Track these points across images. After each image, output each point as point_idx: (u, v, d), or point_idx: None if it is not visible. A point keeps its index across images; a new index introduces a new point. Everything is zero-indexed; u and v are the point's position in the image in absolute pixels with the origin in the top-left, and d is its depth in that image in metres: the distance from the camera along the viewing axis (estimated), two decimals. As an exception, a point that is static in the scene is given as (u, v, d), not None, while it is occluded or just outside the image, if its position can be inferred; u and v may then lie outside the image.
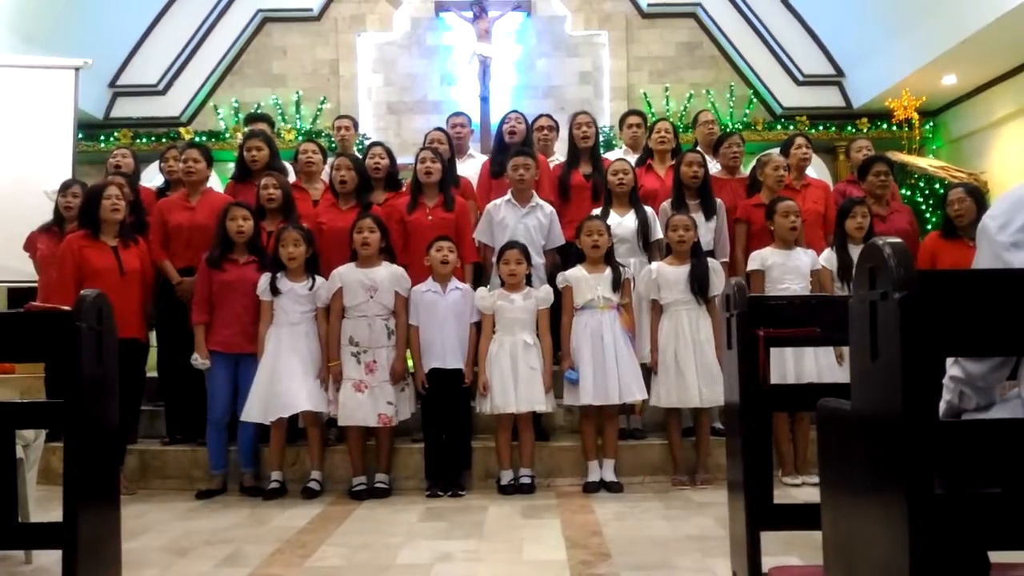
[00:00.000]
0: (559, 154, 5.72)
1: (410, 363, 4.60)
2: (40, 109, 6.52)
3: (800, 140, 5.50)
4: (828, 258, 4.73)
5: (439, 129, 5.70)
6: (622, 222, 4.90)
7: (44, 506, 3.36)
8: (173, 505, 4.36)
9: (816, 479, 2.83)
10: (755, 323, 2.81)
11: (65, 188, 5.13)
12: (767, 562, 2.66)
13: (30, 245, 5.25)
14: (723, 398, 3.65)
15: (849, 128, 8.45)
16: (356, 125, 6.39)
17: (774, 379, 3.53)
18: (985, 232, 1.86)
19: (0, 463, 2.78)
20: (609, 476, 4.49)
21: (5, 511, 2.79)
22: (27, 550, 3.25)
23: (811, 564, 2.47)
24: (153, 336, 5.07)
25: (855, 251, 4.52)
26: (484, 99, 8.61)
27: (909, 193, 7.39)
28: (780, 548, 2.86)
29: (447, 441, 4.56)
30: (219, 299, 4.62)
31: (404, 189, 5.29)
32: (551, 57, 9.25)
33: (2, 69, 6.56)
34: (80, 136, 7.23)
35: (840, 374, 4.28)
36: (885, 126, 8.30)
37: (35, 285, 5.20)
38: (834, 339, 3.38)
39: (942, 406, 1.93)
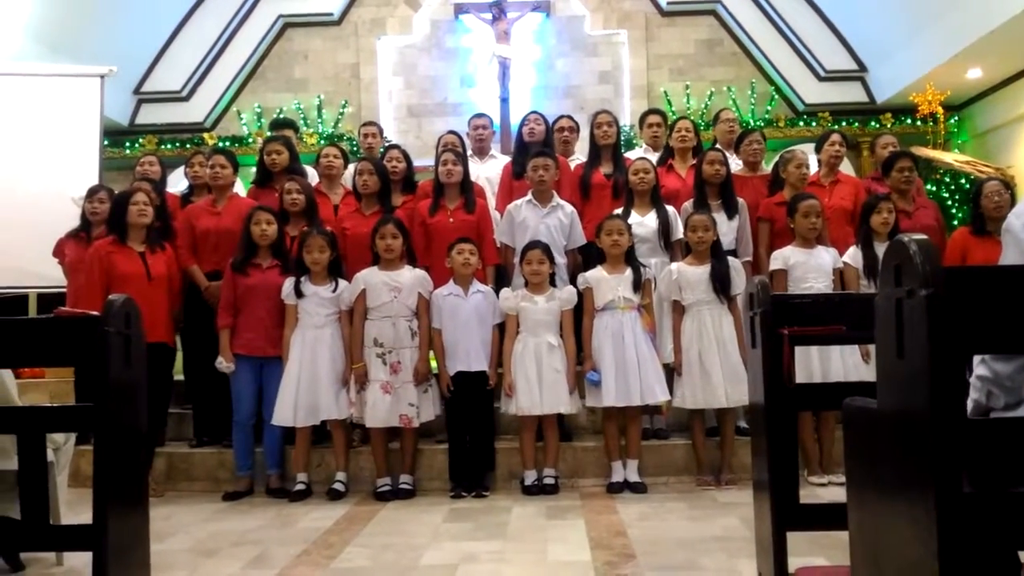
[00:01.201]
0: (580, 154, 5.71)
1: (434, 364, 4.62)
2: (66, 117, 6.62)
3: (835, 137, 5.42)
4: (853, 255, 4.68)
5: (453, 132, 5.72)
6: (643, 221, 4.88)
7: (75, 508, 3.41)
8: (200, 507, 4.40)
9: (842, 478, 2.82)
10: (779, 322, 2.79)
11: (91, 194, 5.20)
12: (793, 563, 2.64)
13: (58, 251, 5.33)
14: (748, 397, 3.64)
15: (873, 123, 8.36)
16: (381, 132, 6.43)
17: (800, 378, 3.51)
18: (1010, 230, 1.85)
19: (31, 466, 2.83)
20: (633, 476, 4.48)
21: (36, 514, 2.84)
22: (58, 552, 3.30)
23: (838, 564, 2.45)
24: (179, 340, 5.13)
25: (880, 248, 4.47)
26: (504, 100, 8.62)
27: (935, 188, 7.31)
28: (806, 548, 2.84)
29: (471, 442, 4.57)
30: (243, 303, 4.66)
31: (419, 191, 5.31)
32: (570, 57, 9.24)
33: (29, 78, 6.66)
34: (106, 143, 7.32)
35: (866, 373, 4.24)
36: (909, 121, 8.20)
37: (64, 291, 5.28)
38: (859, 337, 3.35)
39: (969, 404, 1.91)
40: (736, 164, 5.48)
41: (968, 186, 6.94)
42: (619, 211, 4.88)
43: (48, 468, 3.10)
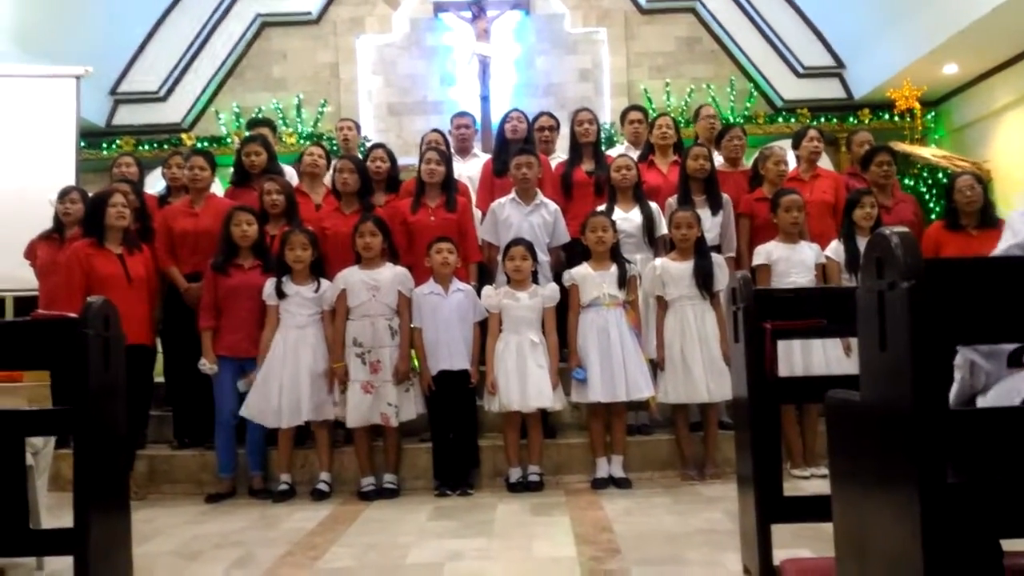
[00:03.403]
0: (561, 152, 5.71)
1: (415, 363, 4.61)
2: (42, 118, 6.54)
3: (812, 133, 5.48)
4: (835, 250, 4.72)
5: (436, 131, 5.70)
6: (627, 217, 4.89)
7: (55, 513, 3.37)
8: (183, 509, 4.37)
9: (824, 471, 2.84)
10: (761, 316, 2.81)
11: (63, 195, 5.14)
12: (778, 555, 2.66)
13: (30, 253, 5.26)
14: (730, 392, 3.65)
15: (851, 119, 8.42)
16: (358, 128, 6.40)
17: (782, 372, 3.53)
18: (1011, 224, 1.90)
19: (10, 471, 2.79)
20: (618, 472, 4.49)
21: (16, 518, 2.80)
22: (39, 556, 3.26)
23: (823, 556, 2.46)
24: (159, 341, 5.08)
25: (862, 242, 4.50)
26: (484, 99, 8.60)
27: (912, 183, 7.37)
28: (791, 541, 2.86)
29: (455, 440, 4.57)
30: (225, 304, 4.63)
31: (401, 191, 5.30)
32: (550, 55, 9.24)
33: (4, 79, 6.57)
34: (83, 144, 7.24)
35: (848, 366, 4.27)
36: (887, 116, 8.27)
37: (37, 293, 5.20)
38: (841, 331, 3.38)
39: (954, 387, 1.93)
40: (717, 160, 5.50)
41: (945, 181, 7.01)
42: (603, 208, 4.89)
43: (27, 472, 3.06)
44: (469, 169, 5.65)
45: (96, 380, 2.73)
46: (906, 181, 7.21)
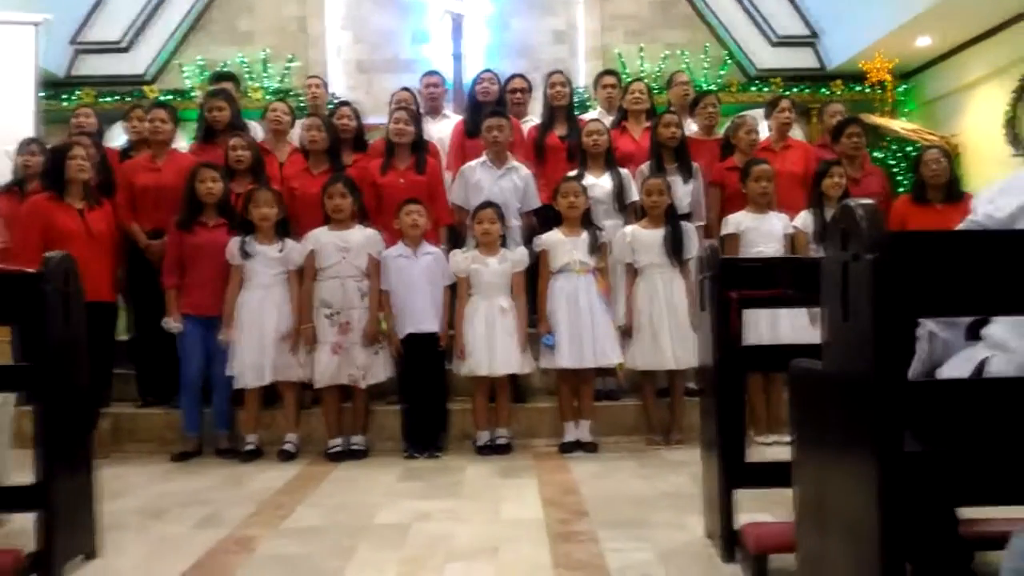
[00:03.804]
0: (534, 115, 5.66)
1: (384, 326, 4.59)
2: (0, 67, 6.34)
3: (784, 103, 5.48)
4: (804, 220, 4.76)
5: (406, 89, 5.62)
6: (597, 183, 4.88)
7: (17, 471, 3.32)
8: (148, 468, 4.34)
9: (787, 438, 2.88)
10: (728, 285, 2.83)
11: (23, 147, 5.02)
12: (740, 519, 2.71)
13: (-10, 206, 5.13)
14: (696, 360, 3.69)
15: (823, 90, 8.43)
16: (326, 85, 6.29)
17: (749, 341, 3.58)
18: (974, 205, 1.96)
19: (-30, 428, 2.75)
20: (585, 436, 4.53)
21: (-24, 476, 2.77)
22: (1, 513, 3.22)
23: (783, 521, 2.52)
24: (122, 299, 5.00)
25: (831, 213, 4.54)
26: (457, 58, 8.46)
27: (882, 156, 7.43)
28: (753, 505, 2.92)
29: (424, 403, 4.57)
30: (190, 262, 4.57)
31: (370, 150, 5.24)
32: (525, 16, 9.11)
33: (-41, 25, 6.35)
34: (42, 95, 7.03)
35: (814, 336, 4.32)
36: (859, 88, 8.30)
37: (-2, 248, 5.09)
38: (807, 300, 3.41)
39: (915, 358, 1.97)
40: (691, 128, 5.50)
41: (914, 154, 7.07)
42: (574, 173, 4.87)
43: (-13, 430, 3.02)
44: (440, 130, 5.58)
45: (56, 335, 2.69)
46: (875, 154, 7.26)
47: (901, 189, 6.47)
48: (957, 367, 1.88)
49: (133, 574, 2.75)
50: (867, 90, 8.19)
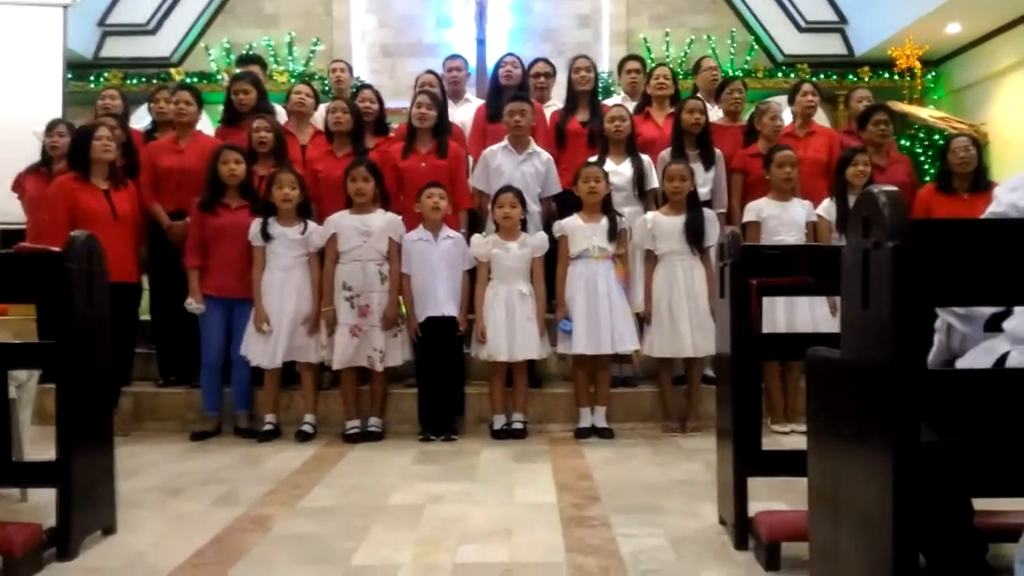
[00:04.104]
0: (556, 100, 5.63)
1: (403, 309, 4.61)
2: (28, 48, 6.42)
3: (807, 87, 5.40)
4: (827, 208, 4.71)
5: (431, 72, 5.61)
6: (618, 170, 4.85)
7: (39, 446, 3.38)
8: (168, 447, 4.40)
9: (804, 426, 2.87)
10: (748, 272, 2.81)
11: (50, 128, 5.08)
12: (754, 507, 2.70)
13: (18, 186, 5.21)
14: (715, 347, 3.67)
15: (851, 77, 8.33)
16: (351, 69, 6.29)
17: (768, 329, 3.55)
18: (997, 195, 1.92)
19: (-7, 403, 2.80)
20: (600, 422, 4.53)
21: (0, 451, 2.82)
22: (22, 488, 3.28)
23: (797, 509, 2.51)
24: (145, 279, 5.06)
25: (855, 201, 4.49)
26: (481, 42, 8.43)
27: (909, 144, 7.33)
28: (767, 494, 2.91)
29: (441, 387, 4.59)
30: (212, 244, 4.60)
31: (393, 134, 5.24)
32: (549, 0, 9.06)
33: (-11, 6, 6.43)
34: (70, 76, 7.10)
35: (834, 325, 4.29)
36: (887, 75, 8.18)
37: (24, 227, 5.16)
38: (827, 289, 3.38)
39: (932, 349, 1.95)
40: (713, 114, 5.45)
41: (941, 142, 6.97)
42: (594, 159, 4.84)
43: (11, 405, 3.07)
44: (461, 114, 5.57)
45: (79, 314, 2.73)
46: (902, 142, 7.17)
47: (928, 178, 6.38)
48: (977, 359, 1.86)
49: (150, 550, 2.79)
50: (895, 77, 8.08)
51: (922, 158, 7.21)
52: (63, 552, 2.63)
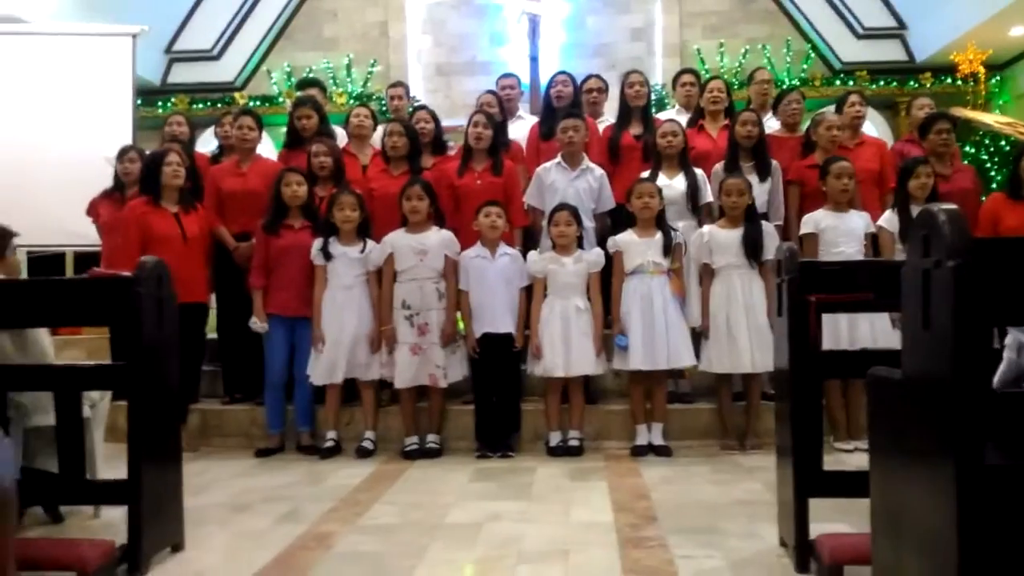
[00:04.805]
0: (609, 115, 5.64)
1: (461, 326, 4.65)
2: (99, 76, 6.67)
3: (854, 97, 5.32)
4: (889, 220, 4.60)
5: (490, 92, 5.67)
6: (671, 184, 4.83)
7: (111, 463, 3.49)
8: (233, 463, 4.51)
9: (867, 444, 2.81)
10: (807, 288, 2.77)
11: (122, 154, 5.28)
12: (815, 528, 2.66)
13: (92, 211, 5.42)
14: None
15: (911, 83, 8.15)
16: (407, 91, 6.40)
17: (827, 344, 3.48)
18: None
19: (68, 422, 2.92)
20: (658, 440, 4.50)
21: (74, 468, 2.94)
22: (95, 505, 3.40)
23: (859, 532, 2.45)
24: (212, 299, 5.21)
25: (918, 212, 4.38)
26: (534, 59, 8.50)
27: (974, 150, 7.13)
28: (829, 515, 2.85)
29: (497, 403, 4.62)
30: (275, 264, 4.72)
31: (452, 153, 5.31)
32: (601, 14, 9.09)
33: (62, 37, 6.72)
34: (138, 102, 7.38)
35: (895, 339, 4.19)
36: (949, 81, 7.98)
37: (99, 250, 5.37)
38: (888, 305, 3.31)
39: (1001, 367, 1.90)
40: (771, 125, 5.39)
41: (1008, 149, 6.76)
42: (647, 174, 4.83)
43: (84, 424, 3.19)
44: (515, 132, 5.61)
45: (149, 337, 2.83)
46: (967, 148, 6.98)
47: (994, 186, 6.20)
48: None
49: (215, 567, 2.87)
50: (958, 83, 7.88)
51: (988, 165, 7.00)
52: (133, 569, 2.72)
